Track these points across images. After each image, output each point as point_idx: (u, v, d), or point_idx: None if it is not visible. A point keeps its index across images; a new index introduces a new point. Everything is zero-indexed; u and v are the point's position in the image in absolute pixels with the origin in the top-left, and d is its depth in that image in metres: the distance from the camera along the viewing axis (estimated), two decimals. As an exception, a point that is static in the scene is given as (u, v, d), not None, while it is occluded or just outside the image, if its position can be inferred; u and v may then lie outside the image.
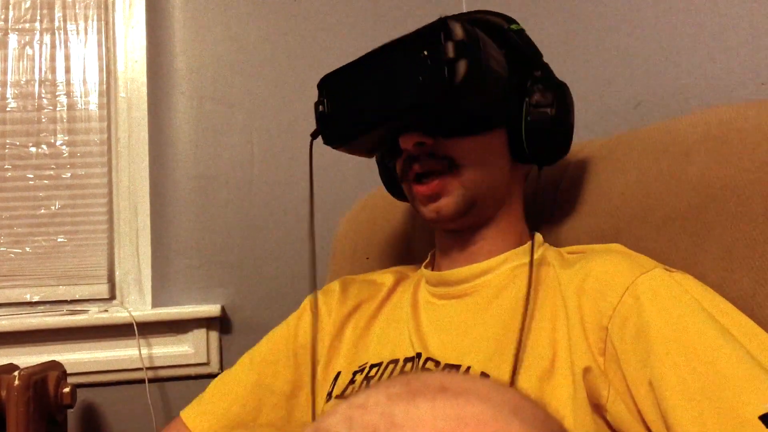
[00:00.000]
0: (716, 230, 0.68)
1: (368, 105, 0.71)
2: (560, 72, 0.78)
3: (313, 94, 0.77)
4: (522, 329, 0.65)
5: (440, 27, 0.65)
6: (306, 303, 0.91)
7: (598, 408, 0.62)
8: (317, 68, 1.62)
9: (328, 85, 0.75)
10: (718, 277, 0.67)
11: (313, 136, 0.78)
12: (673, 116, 0.81)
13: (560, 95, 0.74)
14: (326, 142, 0.76)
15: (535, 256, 0.75)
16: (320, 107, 0.76)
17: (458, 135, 0.72)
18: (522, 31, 0.76)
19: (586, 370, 0.62)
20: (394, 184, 0.89)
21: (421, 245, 1.03)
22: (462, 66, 0.63)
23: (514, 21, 0.77)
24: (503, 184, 0.77)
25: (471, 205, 0.74)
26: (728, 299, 0.63)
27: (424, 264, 0.85)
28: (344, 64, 0.74)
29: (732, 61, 0.97)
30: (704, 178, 0.71)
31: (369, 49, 0.71)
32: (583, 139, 0.94)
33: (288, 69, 1.65)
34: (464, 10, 0.82)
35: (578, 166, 0.88)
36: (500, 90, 0.71)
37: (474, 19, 0.77)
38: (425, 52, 0.65)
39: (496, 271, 0.75)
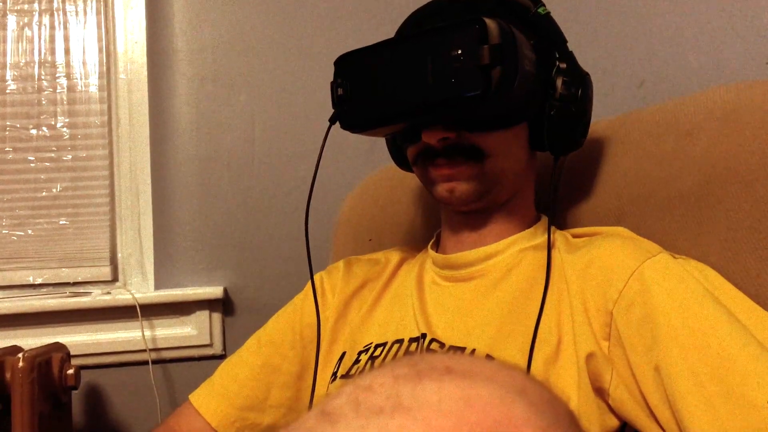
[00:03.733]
0: (720, 211, 0.68)
1: (393, 95, 0.68)
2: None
3: (315, 76, 0.76)
4: (540, 311, 0.65)
5: (478, 26, 0.63)
6: (310, 284, 0.91)
7: (600, 392, 0.62)
8: (319, 49, 1.62)
9: (347, 65, 0.72)
10: (722, 258, 0.67)
11: (332, 120, 0.75)
12: (677, 96, 0.81)
13: (583, 89, 0.73)
14: (344, 126, 0.74)
15: (542, 240, 0.75)
16: (339, 90, 0.73)
17: (484, 130, 0.70)
18: (548, 14, 0.74)
19: (590, 356, 0.62)
20: (404, 158, 0.87)
21: (424, 227, 1.03)
22: (497, 73, 0.62)
23: (541, 3, 0.74)
24: (520, 173, 0.76)
25: (486, 192, 0.73)
26: (732, 280, 0.63)
27: (429, 244, 0.84)
28: (362, 45, 0.71)
29: (736, 41, 0.97)
30: (708, 159, 0.70)
31: (371, 28, 0.70)
32: (587, 120, 0.93)
33: (289, 50, 1.63)
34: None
35: (582, 147, 0.88)
36: (530, 89, 0.69)
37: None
38: (459, 51, 0.63)
39: (503, 255, 0.75)
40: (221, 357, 1.58)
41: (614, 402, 0.61)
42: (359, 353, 0.78)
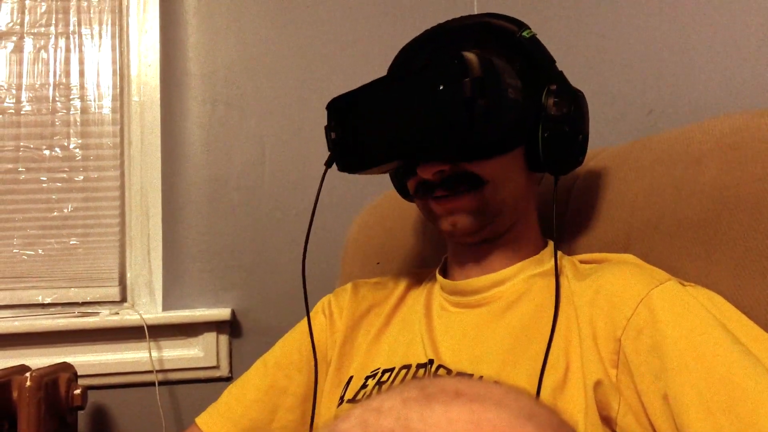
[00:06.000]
0: (729, 239, 0.68)
1: (384, 136, 0.70)
2: (572, 80, 0.78)
3: (325, 100, 0.77)
4: (550, 339, 0.65)
5: (457, 62, 0.64)
6: (318, 306, 0.92)
7: (607, 421, 0.61)
8: (329, 72, 1.64)
9: (338, 109, 0.74)
10: (731, 286, 0.67)
11: (328, 164, 0.77)
12: (685, 124, 0.81)
13: (576, 107, 0.73)
14: (341, 169, 0.75)
15: (550, 266, 0.75)
16: (332, 134, 0.75)
17: (479, 159, 0.71)
18: (534, 36, 0.75)
19: (597, 383, 0.61)
20: (407, 190, 0.88)
21: (432, 250, 1.03)
22: (480, 104, 0.63)
23: (526, 26, 0.76)
24: (521, 197, 0.76)
25: (489, 221, 0.74)
26: (741, 309, 0.62)
27: (437, 269, 0.85)
28: (353, 86, 0.73)
29: (745, 69, 0.97)
30: (717, 187, 0.70)
31: (380, 54, 0.71)
32: (595, 147, 0.93)
33: (300, 73, 1.65)
34: (475, 12, 0.81)
35: (590, 174, 0.88)
36: (519, 114, 0.70)
37: (485, 24, 0.76)
38: (441, 87, 0.64)
39: (511, 282, 0.75)
40: (228, 379, 1.58)
41: (622, 431, 0.61)
42: (366, 378, 0.78)
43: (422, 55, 0.77)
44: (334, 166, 0.76)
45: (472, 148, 0.70)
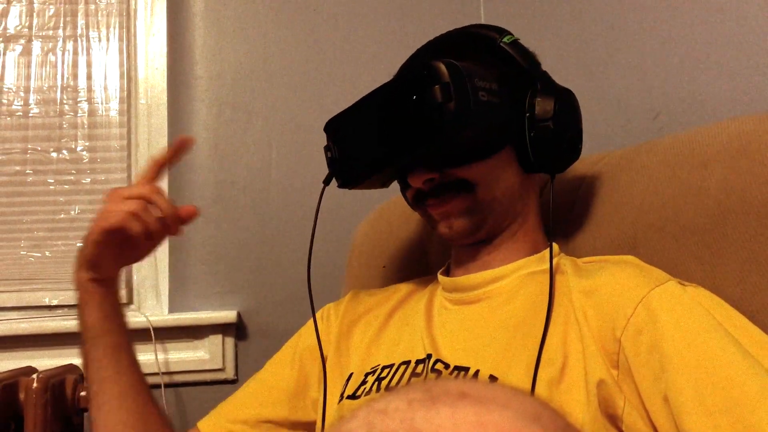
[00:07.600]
0: (735, 243, 0.68)
1: (371, 149, 0.74)
2: (577, 84, 0.78)
3: (332, 101, 0.78)
4: (544, 334, 0.65)
5: (426, 71, 0.66)
6: (318, 313, 0.94)
7: (613, 418, 0.62)
8: (336, 75, 1.64)
9: (334, 128, 0.79)
10: (736, 290, 0.66)
11: (326, 182, 0.82)
12: (691, 127, 0.81)
13: (561, 104, 0.74)
14: (340, 185, 0.80)
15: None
16: (328, 153, 0.80)
17: (465, 164, 0.73)
18: (516, 42, 0.77)
19: (601, 382, 0.62)
20: None
21: (437, 254, 1.03)
22: (450, 108, 0.65)
23: (507, 32, 0.77)
24: (516, 197, 0.77)
25: (483, 221, 0.76)
26: (746, 313, 0.62)
27: (440, 271, 0.85)
28: (360, 89, 0.76)
29: (752, 72, 0.97)
30: (723, 190, 0.70)
31: (387, 56, 0.73)
32: (602, 150, 0.93)
33: (307, 76, 1.66)
34: (483, 19, 0.82)
35: (596, 177, 0.88)
36: (497, 116, 0.71)
37: (467, 35, 0.79)
38: (414, 97, 0.67)
39: (509, 278, 0.76)
40: (233, 382, 1.58)
41: (628, 428, 0.61)
42: (366, 374, 0.79)
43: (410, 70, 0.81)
44: (333, 184, 0.81)
45: (455, 153, 0.72)
